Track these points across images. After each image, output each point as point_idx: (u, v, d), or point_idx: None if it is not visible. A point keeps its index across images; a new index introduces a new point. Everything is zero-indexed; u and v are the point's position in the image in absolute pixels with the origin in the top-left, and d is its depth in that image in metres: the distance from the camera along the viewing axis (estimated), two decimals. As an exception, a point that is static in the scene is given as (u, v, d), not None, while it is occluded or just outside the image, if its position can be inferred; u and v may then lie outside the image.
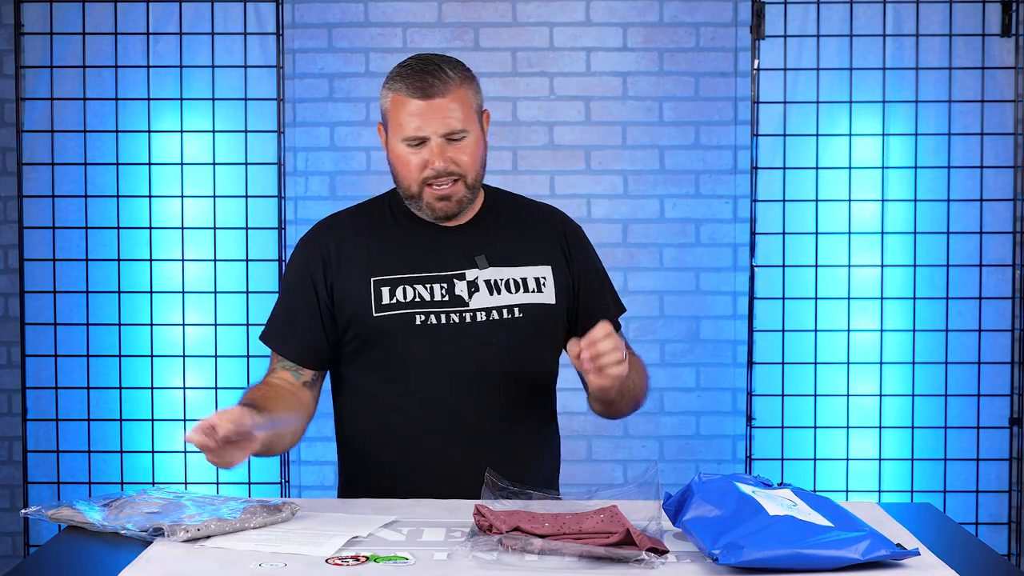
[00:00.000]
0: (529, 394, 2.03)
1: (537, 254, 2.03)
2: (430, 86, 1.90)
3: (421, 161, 1.92)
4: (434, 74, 1.91)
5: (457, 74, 1.93)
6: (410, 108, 1.90)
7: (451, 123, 1.90)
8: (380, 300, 1.97)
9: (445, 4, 3.44)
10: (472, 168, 1.94)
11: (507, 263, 2.00)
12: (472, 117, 1.93)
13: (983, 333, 3.31)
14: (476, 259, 1.98)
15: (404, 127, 1.91)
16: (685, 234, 3.46)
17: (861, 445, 3.34)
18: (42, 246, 3.35)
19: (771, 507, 1.51)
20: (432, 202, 1.94)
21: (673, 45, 3.44)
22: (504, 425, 1.99)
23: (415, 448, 1.99)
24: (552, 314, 2.02)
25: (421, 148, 1.91)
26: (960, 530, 1.75)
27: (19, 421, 3.38)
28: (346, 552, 1.53)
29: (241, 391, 3.28)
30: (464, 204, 1.97)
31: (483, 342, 1.96)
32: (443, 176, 1.92)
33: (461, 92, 1.92)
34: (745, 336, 3.35)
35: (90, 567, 1.53)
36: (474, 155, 1.94)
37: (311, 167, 3.46)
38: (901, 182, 3.34)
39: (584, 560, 1.49)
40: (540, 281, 2.01)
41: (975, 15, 3.30)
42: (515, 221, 2.06)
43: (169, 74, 3.32)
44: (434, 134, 1.90)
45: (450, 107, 1.90)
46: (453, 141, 1.91)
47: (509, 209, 2.08)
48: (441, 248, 1.99)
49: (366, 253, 2.00)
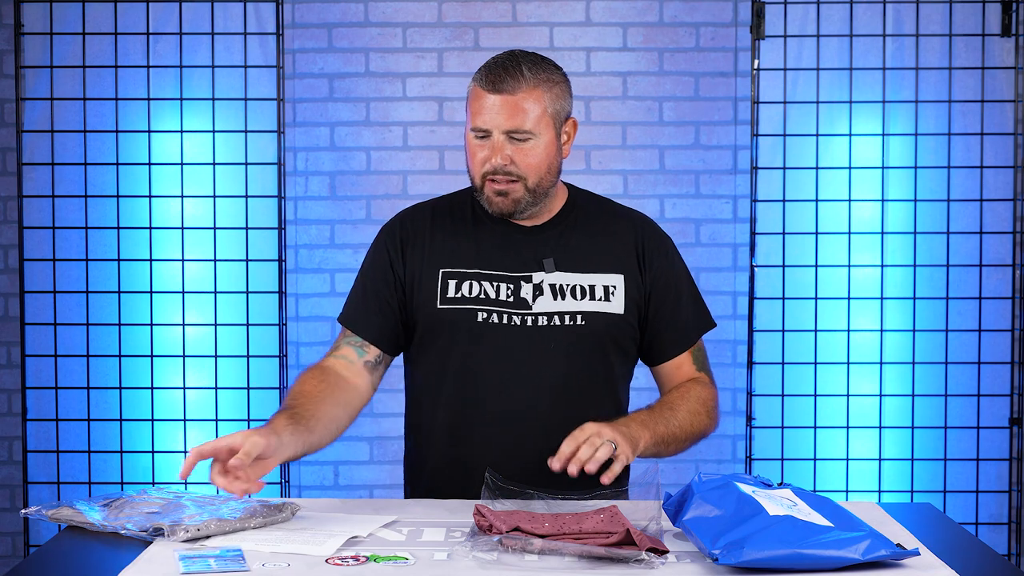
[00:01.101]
0: (583, 403, 1.98)
1: (610, 261, 2.00)
2: (502, 81, 1.90)
3: (484, 155, 1.92)
4: (510, 70, 1.90)
5: (535, 74, 1.91)
6: (481, 100, 1.91)
7: (515, 122, 1.89)
8: (446, 292, 1.97)
9: (445, 4, 3.44)
10: (534, 173, 1.92)
11: (578, 268, 1.98)
12: (545, 121, 1.92)
13: (983, 333, 3.31)
14: (544, 262, 1.97)
15: (473, 117, 1.92)
16: (685, 234, 3.45)
17: (861, 445, 3.34)
18: (42, 246, 3.35)
19: (771, 507, 1.51)
20: (491, 196, 1.95)
21: (673, 45, 3.44)
22: (551, 431, 1.90)
23: (462, 445, 1.98)
24: (618, 324, 1.99)
25: (485, 141, 1.92)
26: (960, 530, 1.75)
27: (19, 421, 3.38)
28: (346, 552, 1.53)
29: (241, 391, 3.31)
30: (522, 206, 1.95)
31: (539, 347, 1.95)
32: (500, 174, 1.92)
33: (535, 93, 1.91)
34: (745, 336, 3.35)
35: (90, 567, 1.53)
36: (539, 159, 1.92)
37: (311, 167, 3.46)
38: (901, 182, 3.34)
39: (584, 560, 1.49)
40: (609, 290, 1.98)
41: (975, 15, 3.30)
42: (593, 225, 2.03)
43: (169, 74, 3.32)
44: (496, 129, 1.90)
45: (518, 106, 1.89)
46: (516, 141, 1.91)
47: (590, 212, 2.06)
48: (513, 248, 1.99)
49: (440, 245, 2.00)
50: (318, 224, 3.46)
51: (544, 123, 1.92)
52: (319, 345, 3.43)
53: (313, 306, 3.45)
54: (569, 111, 1.98)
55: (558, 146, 1.96)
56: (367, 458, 3.49)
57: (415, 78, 3.44)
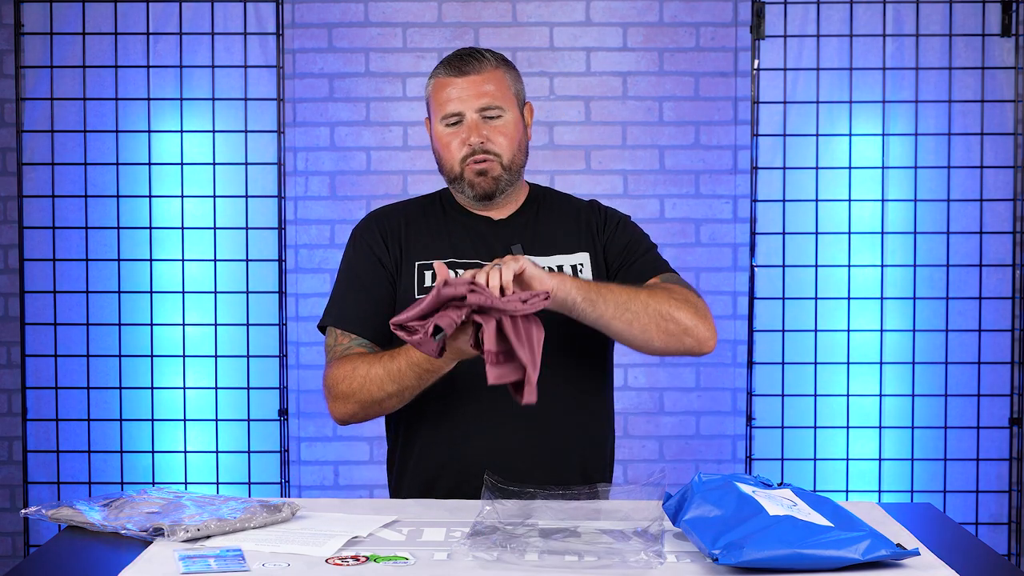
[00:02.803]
0: (562, 381, 1.99)
1: (574, 242, 2.06)
2: (466, 64, 2.00)
3: (460, 140, 1.99)
4: (471, 56, 2.01)
5: (494, 56, 2.03)
6: (448, 87, 2.00)
7: (485, 99, 1.98)
8: (423, 282, 2.01)
9: (445, 4, 3.44)
10: (508, 150, 2.00)
11: (545, 252, 2.04)
12: (510, 98, 2.01)
13: (983, 333, 3.31)
14: (512, 248, 2.02)
15: (443, 106, 1.99)
16: (685, 234, 3.45)
17: (861, 445, 3.34)
18: (42, 246, 3.35)
19: (771, 507, 1.51)
20: (472, 178, 2.00)
21: (673, 45, 3.44)
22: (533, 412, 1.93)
23: (445, 430, 1.99)
24: None
25: (459, 127, 1.99)
26: (960, 530, 1.75)
27: (19, 421, 3.38)
28: (346, 552, 1.53)
29: (241, 391, 3.31)
30: (502, 184, 2.01)
31: None
32: (479, 153, 1.98)
33: (498, 73, 2.01)
34: (745, 336, 3.35)
35: (90, 567, 1.53)
36: (511, 137, 2.00)
37: (311, 167, 3.46)
38: (901, 182, 3.34)
39: (584, 560, 1.49)
40: (577, 268, 2.04)
41: (975, 15, 3.30)
42: (555, 212, 2.10)
43: (169, 74, 3.32)
44: (469, 109, 1.98)
45: (485, 84, 1.99)
46: (489, 119, 1.99)
47: (551, 202, 2.13)
48: (484, 238, 2.04)
49: (413, 239, 2.05)
50: (318, 224, 3.46)
51: (509, 100, 2.01)
52: (319, 345, 3.43)
53: (313, 306, 3.45)
54: (525, 96, 2.08)
55: (524, 127, 2.05)
56: (367, 458, 3.49)
57: (415, 78, 3.44)
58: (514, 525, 1.60)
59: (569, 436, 2.02)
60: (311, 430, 3.48)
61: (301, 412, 3.46)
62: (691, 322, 1.89)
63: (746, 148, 3.42)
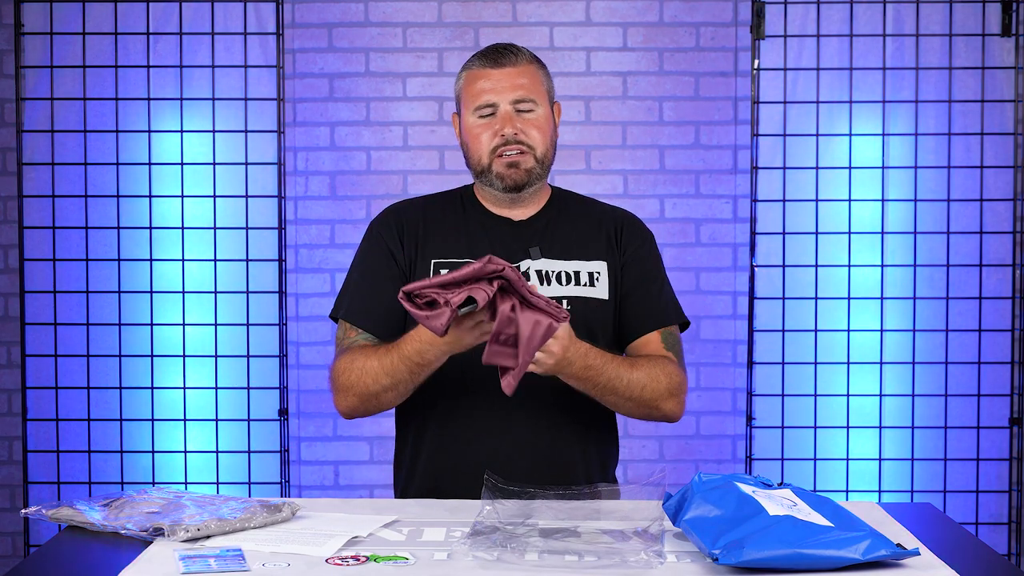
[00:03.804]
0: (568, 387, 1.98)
1: (594, 249, 2.06)
2: (503, 56, 2.01)
3: (491, 131, 1.99)
4: (506, 50, 2.03)
5: (528, 53, 2.05)
6: (482, 79, 2.00)
7: (520, 91, 1.99)
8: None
9: (445, 4, 3.44)
10: (541, 143, 2.01)
11: (563, 256, 2.03)
12: (542, 93, 2.02)
13: (983, 333, 3.31)
14: (530, 250, 2.01)
15: (476, 97, 2.00)
16: (685, 234, 3.46)
17: (861, 445, 3.34)
18: (42, 246, 3.35)
19: (771, 507, 1.51)
20: (501, 170, 1.99)
21: (673, 45, 3.44)
22: (539, 415, 1.98)
23: (455, 431, 2.00)
24: (603, 309, 2.03)
25: (492, 119, 1.99)
26: (960, 530, 1.75)
27: (19, 421, 3.38)
28: (346, 552, 1.53)
29: (241, 391, 3.31)
30: (532, 177, 2.01)
31: None
32: (512, 144, 1.98)
33: (531, 68, 2.03)
34: (745, 336, 3.35)
35: (90, 567, 1.53)
36: (543, 131, 2.01)
37: (311, 167, 3.46)
38: (901, 182, 3.34)
39: (584, 560, 1.49)
40: (594, 276, 2.03)
41: (975, 15, 3.30)
42: (577, 217, 2.10)
43: (169, 74, 3.32)
44: (503, 101, 1.99)
45: (520, 77, 2.00)
46: (522, 112, 1.99)
47: (573, 206, 2.12)
48: (502, 238, 2.03)
49: (431, 236, 2.04)
50: (318, 224, 3.46)
51: (542, 95, 2.03)
52: (319, 345, 3.43)
53: (313, 306, 3.45)
54: (555, 96, 2.08)
55: (554, 125, 2.06)
56: (367, 458, 3.49)
57: (415, 78, 3.44)
58: (514, 525, 1.60)
59: (577, 437, 2.03)
60: (311, 430, 3.48)
61: (301, 412, 3.46)
62: (667, 407, 1.99)
63: (746, 148, 3.42)
